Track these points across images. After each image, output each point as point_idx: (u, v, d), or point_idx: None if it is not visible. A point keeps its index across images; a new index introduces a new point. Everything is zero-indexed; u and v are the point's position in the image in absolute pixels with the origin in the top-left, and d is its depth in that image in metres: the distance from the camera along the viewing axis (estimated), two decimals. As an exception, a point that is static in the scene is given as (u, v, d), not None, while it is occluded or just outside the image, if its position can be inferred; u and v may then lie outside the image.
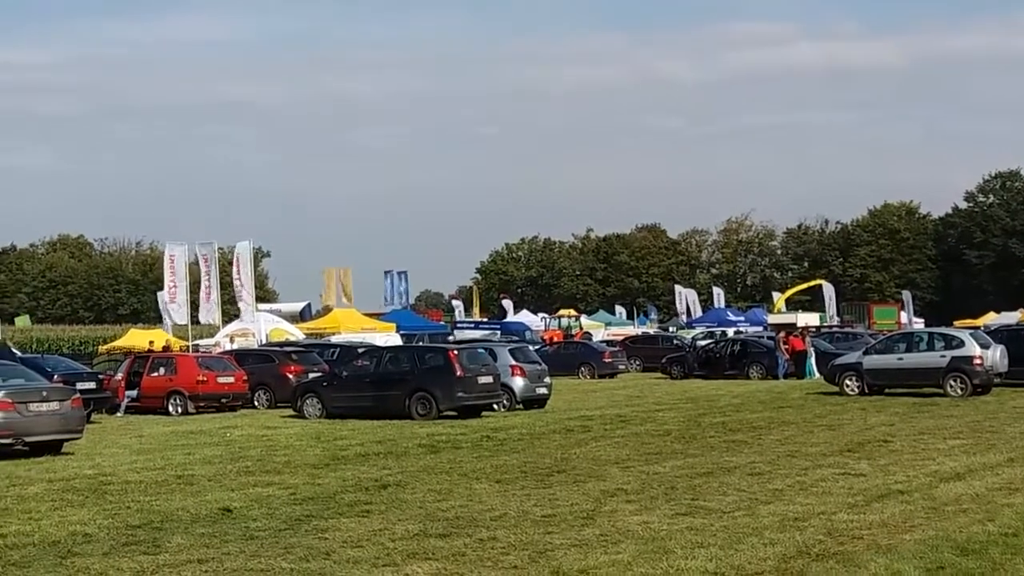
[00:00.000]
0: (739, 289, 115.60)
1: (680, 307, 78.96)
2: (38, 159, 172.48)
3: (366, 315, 53.82)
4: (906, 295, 77.14)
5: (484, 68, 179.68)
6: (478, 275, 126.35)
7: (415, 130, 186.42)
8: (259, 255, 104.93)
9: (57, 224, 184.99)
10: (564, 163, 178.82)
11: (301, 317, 57.22)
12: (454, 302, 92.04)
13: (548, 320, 71.95)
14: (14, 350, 36.78)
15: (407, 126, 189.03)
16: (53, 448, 19.67)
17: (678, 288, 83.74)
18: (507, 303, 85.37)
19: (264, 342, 42.33)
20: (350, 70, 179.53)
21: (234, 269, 46.24)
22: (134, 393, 30.13)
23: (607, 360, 46.46)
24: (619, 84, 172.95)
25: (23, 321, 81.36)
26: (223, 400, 29.86)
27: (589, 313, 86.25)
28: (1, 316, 53.70)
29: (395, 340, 45.26)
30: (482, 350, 28.83)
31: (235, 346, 40.61)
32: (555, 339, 57.00)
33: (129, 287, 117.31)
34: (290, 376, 30.92)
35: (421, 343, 42.19)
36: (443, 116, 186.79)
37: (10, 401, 19.06)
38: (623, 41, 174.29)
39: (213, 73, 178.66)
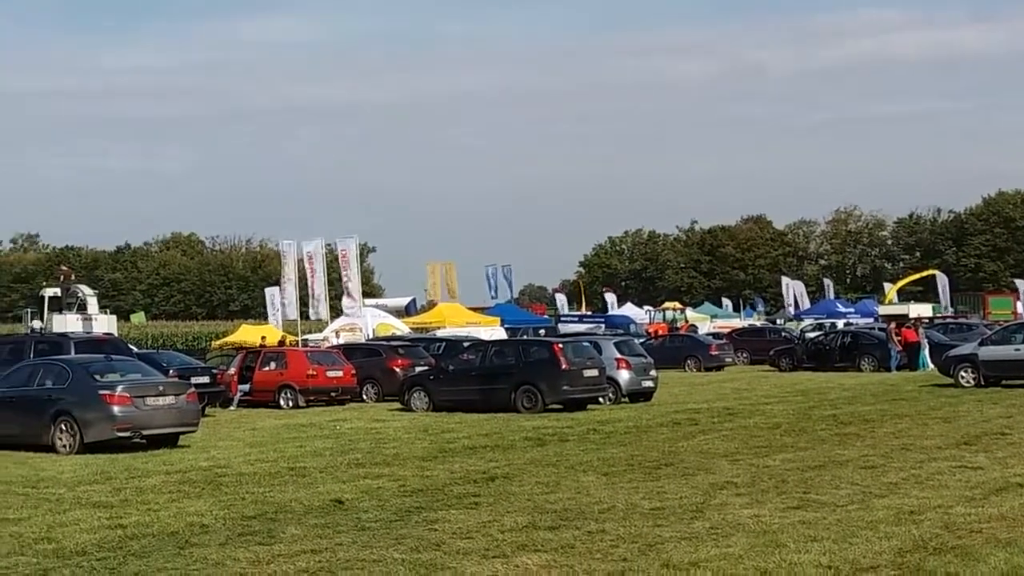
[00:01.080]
0: (848, 280, 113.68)
1: (787, 299, 77.85)
2: (134, 161, 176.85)
3: (470, 309, 54.14)
4: (1022, 284, 74.97)
5: (581, 61, 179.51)
6: (581, 269, 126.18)
7: (515, 125, 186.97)
8: (365, 251, 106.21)
9: (170, 223, 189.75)
10: (666, 155, 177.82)
11: (406, 312, 57.75)
12: (558, 296, 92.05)
13: (653, 313, 71.55)
14: (131, 346, 37.73)
15: (507, 121, 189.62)
16: (170, 441, 20.15)
17: (785, 280, 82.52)
18: (611, 296, 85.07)
19: (371, 337, 42.84)
20: (451, 66, 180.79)
21: (341, 265, 46.87)
22: (246, 387, 30.74)
23: (713, 353, 46.05)
24: (721, 74, 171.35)
25: (138, 318, 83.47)
26: (332, 394, 30.32)
27: (694, 306, 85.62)
28: (117, 313, 55.16)
29: (500, 334, 45.47)
30: (587, 343, 28.78)
31: (340, 341, 41.16)
32: (660, 332, 56.63)
33: (239, 283, 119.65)
34: (397, 370, 31.25)
35: (526, 337, 42.29)
36: (543, 110, 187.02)
37: (129, 395, 19.59)
38: (723, 30, 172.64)
39: (317, 74, 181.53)
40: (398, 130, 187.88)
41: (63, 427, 19.52)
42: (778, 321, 69.84)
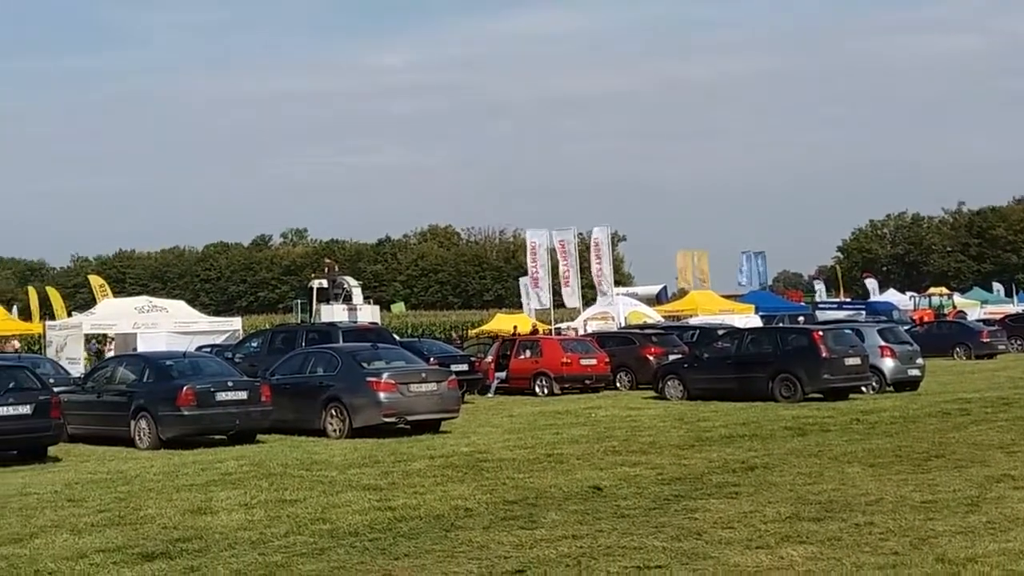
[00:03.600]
0: None
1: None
2: (393, 157, 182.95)
3: (723, 297, 53.40)
4: None
5: (831, 42, 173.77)
6: (839, 254, 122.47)
7: (764, 109, 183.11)
8: (615, 239, 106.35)
9: (426, 215, 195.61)
10: (929, 136, 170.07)
11: (657, 300, 57.54)
12: (815, 282, 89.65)
13: (917, 299, 68.61)
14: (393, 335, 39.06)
15: (756, 106, 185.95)
16: (432, 427, 20.76)
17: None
18: (871, 282, 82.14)
19: (623, 325, 42.87)
20: (697, 52, 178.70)
21: (592, 254, 47.11)
22: (503, 375, 31.35)
23: (985, 340, 43.79)
24: (982, 50, 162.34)
25: (398, 308, 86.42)
26: (586, 381, 30.55)
27: (962, 291, 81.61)
28: (379, 303, 57.36)
29: (755, 322, 44.65)
30: (848, 331, 27.87)
31: (587, 329, 41.36)
32: (925, 319, 54.28)
33: (493, 273, 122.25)
34: (651, 358, 31.18)
35: (783, 324, 41.36)
36: (793, 94, 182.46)
37: (394, 382, 20.31)
38: (980, 5, 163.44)
39: (560, 65, 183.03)
40: (653, 118, 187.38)
41: (333, 412, 20.44)
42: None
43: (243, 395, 20.05)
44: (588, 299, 50.81)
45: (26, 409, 17.90)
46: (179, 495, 13.60)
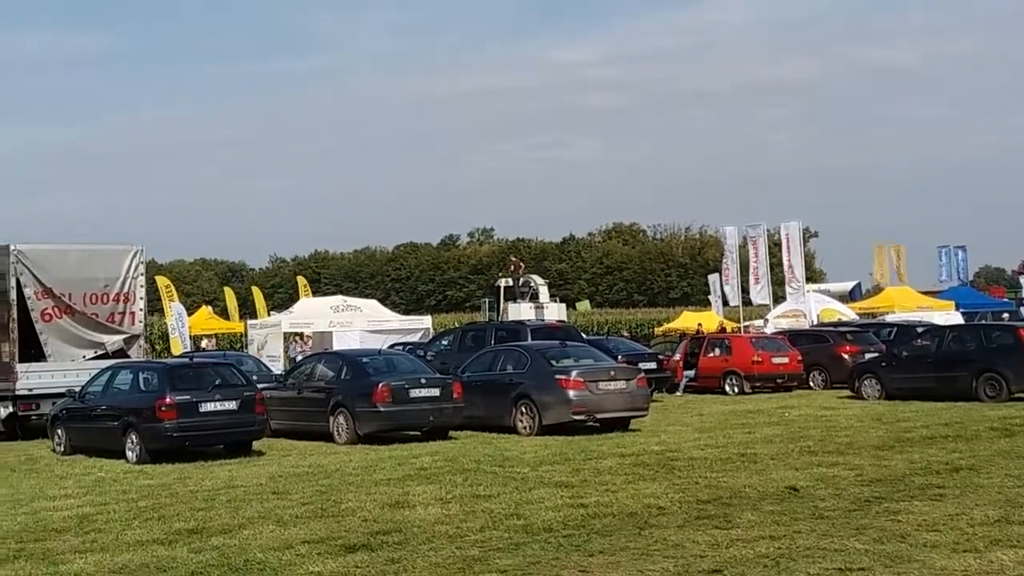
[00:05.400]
0: None
1: None
2: (587, 152, 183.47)
3: (921, 293, 51.61)
4: None
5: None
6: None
7: (957, 97, 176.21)
8: (807, 235, 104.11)
9: (610, 213, 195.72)
10: None
11: (851, 297, 55.94)
12: (1020, 277, 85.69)
13: None
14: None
15: (948, 94, 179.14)
16: (621, 424, 20.73)
17: None
18: (1083, 276, 77.91)
19: (815, 323, 41.91)
20: (884, 38, 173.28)
21: (783, 250, 46.20)
22: (692, 373, 31.07)
23: None
24: None
25: (583, 306, 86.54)
26: (778, 380, 30.02)
27: None
28: (564, 301, 57.68)
29: (955, 319, 43.02)
30: (1057, 327, 26.53)
31: (769, 328, 40.55)
32: None
33: (679, 271, 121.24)
34: (846, 356, 30.39)
35: (986, 321, 39.73)
36: (986, 81, 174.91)
37: (583, 380, 20.37)
38: None
39: (743, 55, 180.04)
40: (833, 108, 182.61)
41: (523, 410, 20.63)
42: None
43: (436, 392, 20.45)
44: (778, 296, 49.88)
45: (232, 405, 18.68)
46: (377, 489, 13.96)
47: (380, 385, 20.03)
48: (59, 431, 20.29)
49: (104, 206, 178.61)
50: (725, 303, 48.55)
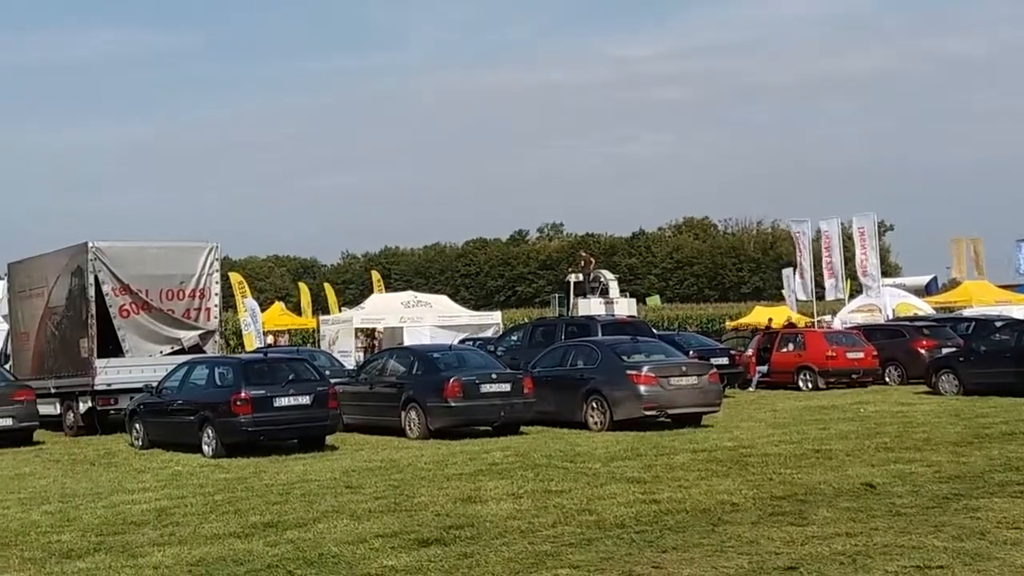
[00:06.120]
0: None
1: None
2: (656, 147, 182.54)
3: (999, 287, 50.66)
4: None
5: None
6: None
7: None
8: (881, 228, 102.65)
9: (681, 207, 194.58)
10: None
11: (927, 291, 55.05)
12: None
13: None
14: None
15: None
16: (692, 420, 20.60)
17: None
18: None
19: (890, 317, 41.32)
20: (959, 30, 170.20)
21: (857, 244, 45.61)
22: (764, 368, 30.80)
23: None
24: None
25: (654, 301, 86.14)
26: (853, 376, 29.68)
27: None
28: (634, 296, 57.41)
29: (1034, 313, 42.12)
30: None
31: (835, 324, 40.03)
32: None
33: (751, 265, 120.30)
34: (922, 351, 29.94)
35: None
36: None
37: (654, 375, 20.28)
38: None
39: (811, 47, 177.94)
40: (906, 100, 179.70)
41: (594, 405, 20.59)
42: None
43: (507, 387, 20.48)
44: (853, 290, 49.23)
45: (306, 399, 18.86)
46: (449, 484, 14.01)
47: (451, 380, 20.10)
48: (137, 425, 20.64)
49: (178, 203, 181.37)
50: (798, 298, 48.05)
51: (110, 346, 23.90)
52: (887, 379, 30.35)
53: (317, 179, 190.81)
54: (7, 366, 26.14)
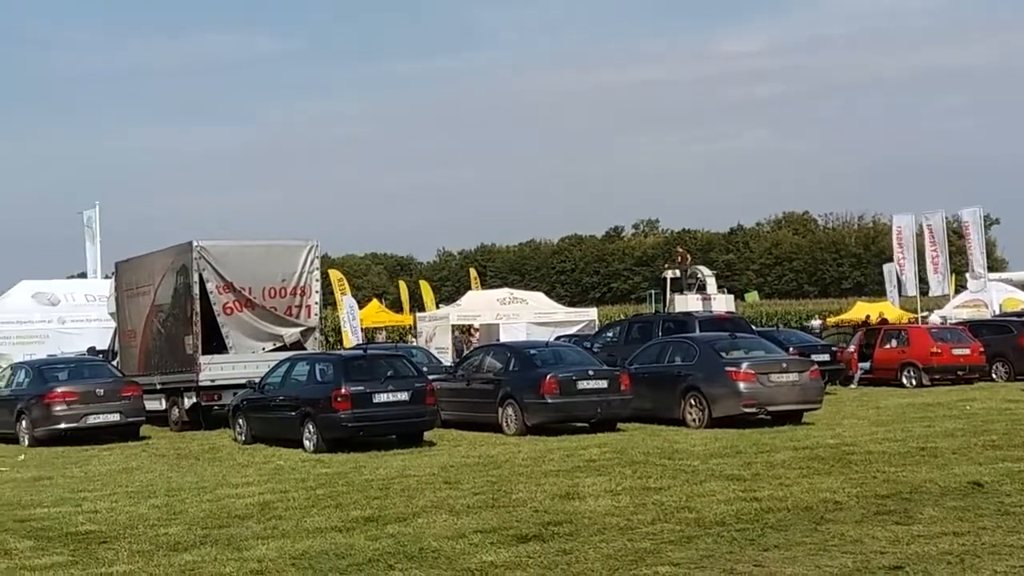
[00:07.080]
0: None
1: None
2: (755, 142, 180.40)
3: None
4: None
5: None
6: None
7: None
8: (987, 222, 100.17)
9: (779, 202, 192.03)
10: None
11: (1035, 285, 53.57)
12: None
13: None
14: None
15: None
16: (793, 417, 20.32)
17: None
18: None
19: (997, 313, 40.34)
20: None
21: (963, 237, 44.60)
22: (867, 365, 30.27)
23: None
24: None
25: (752, 297, 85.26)
26: (959, 372, 29.07)
27: None
28: (732, 293, 56.87)
29: None
30: None
31: (934, 319, 39.12)
32: None
33: (851, 260, 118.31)
34: (1029, 347, 29.18)
35: None
36: None
37: (753, 372, 20.05)
38: None
39: (914, 40, 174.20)
40: (1013, 94, 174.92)
41: (692, 402, 20.43)
42: None
43: (603, 384, 20.41)
44: (959, 286, 48.17)
45: (404, 396, 19.01)
46: (547, 480, 14.01)
47: (548, 377, 20.10)
48: (240, 421, 21.00)
49: (280, 204, 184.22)
50: (901, 293, 47.14)
51: (214, 343, 24.34)
52: (994, 376, 29.66)
53: (413, 177, 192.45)
54: (114, 363, 26.80)
